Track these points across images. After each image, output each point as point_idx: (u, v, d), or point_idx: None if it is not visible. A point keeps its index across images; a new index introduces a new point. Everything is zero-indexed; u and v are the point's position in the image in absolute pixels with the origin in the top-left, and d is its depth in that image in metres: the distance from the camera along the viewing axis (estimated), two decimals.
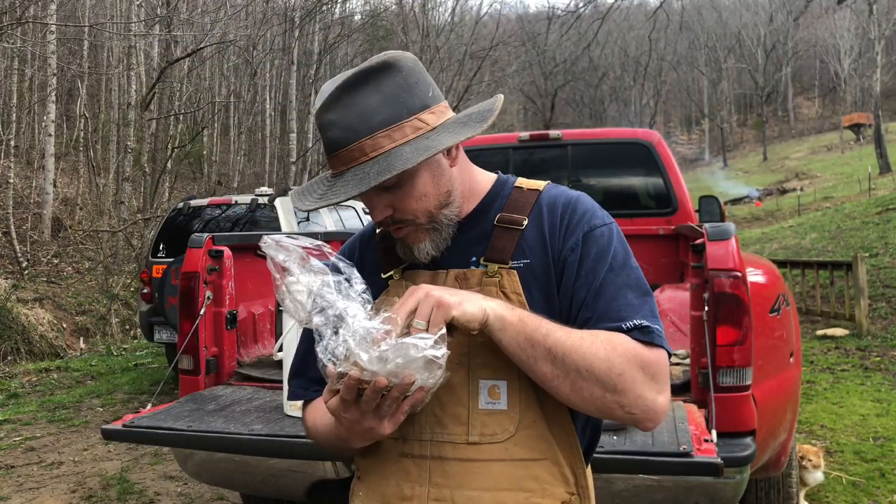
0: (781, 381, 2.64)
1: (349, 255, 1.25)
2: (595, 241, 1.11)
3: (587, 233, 1.12)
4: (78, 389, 7.40)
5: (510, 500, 1.05)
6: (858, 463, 4.46)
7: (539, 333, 1.00)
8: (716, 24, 67.46)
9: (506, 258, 1.11)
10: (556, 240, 1.12)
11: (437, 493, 1.06)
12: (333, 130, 1.06)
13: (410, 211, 1.09)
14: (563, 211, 1.14)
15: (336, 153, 1.06)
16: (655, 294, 3.67)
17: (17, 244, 12.44)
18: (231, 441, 2.26)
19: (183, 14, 17.11)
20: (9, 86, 16.91)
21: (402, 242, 1.14)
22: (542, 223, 1.14)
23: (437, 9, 29.61)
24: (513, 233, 1.13)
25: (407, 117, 1.05)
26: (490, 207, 1.17)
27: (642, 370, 1.01)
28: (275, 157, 25.87)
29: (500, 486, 1.05)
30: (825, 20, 60.88)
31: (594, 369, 0.99)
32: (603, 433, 2.07)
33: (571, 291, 1.09)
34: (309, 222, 7.31)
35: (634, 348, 1.02)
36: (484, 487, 1.05)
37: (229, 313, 2.97)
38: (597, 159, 5.22)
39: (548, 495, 1.06)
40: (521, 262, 1.11)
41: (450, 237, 1.14)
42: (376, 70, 1.06)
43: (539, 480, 1.06)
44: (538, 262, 1.11)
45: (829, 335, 8.81)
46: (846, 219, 16.29)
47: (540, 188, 1.19)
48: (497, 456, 1.05)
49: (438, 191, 1.10)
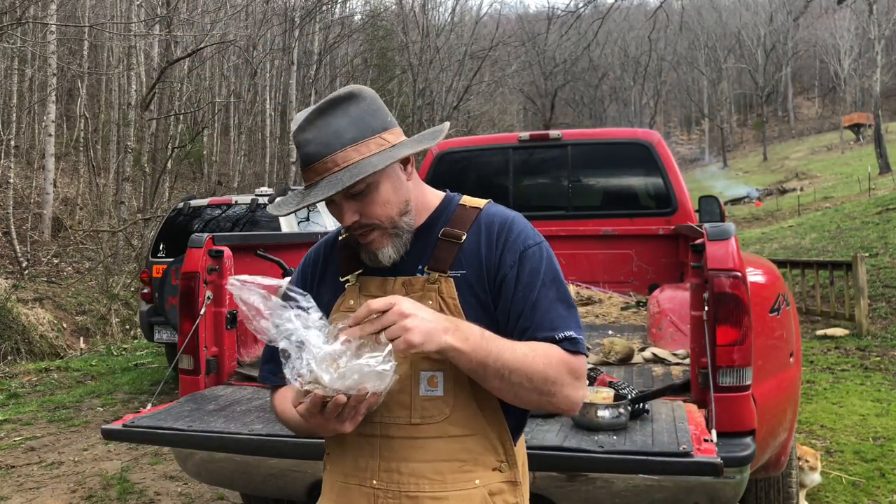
0: (781, 381, 2.64)
1: (314, 259, 1.44)
2: (529, 259, 1.30)
3: (522, 252, 1.30)
4: (78, 389, 7.40)
5: (446, 469, 1.25)
6: (858, 463, 4.46)
7: (490, 358, 1.18)
8: (715, 24, 67.44)
9: (445, 268, 1.30)
10: (493, 255, 1.30)
11: (386, 465, 1.27)
12: (309, 146, 1.24)
13: (376, 216, 1.27)
14: (500, 229, 1.33)
15: (312, 166, 1.25)
16: (655, 294, 3.68)
17: (18, 244, 12.44)
18: (231, 441, 2.26)
19: (183, 14, 17.11)
20: (9, 86, 16.91)
21: (366, 248, 1.31)
22: (479, 238, 1.32)
23: (437, 9, 29.65)
24: (453, 246, 1.32)
25: (371, 135, 1.26)
26: (437, 222, 1.36)
27: (570, 374, 1.24)
28: (275, 158, 25.87)
29: (438, 458, 1.25)
30: (825, 20, 60.90)
31: (534, 381, 1.20)
32: (603, 433, 2.09)
33: (510, 304, 1.28)
34: (309, 222, 7.31)
35: (565, 358, 1.24)
36: (424, 460, 1.26)
37: (229, 313, 2.97)
38: (597, 159, 5.22)
39: (479, 464, 1.27)
40: (458, 272, 1.30)
41: (408, 243, 1.32)
42: (344, 99, 1.27)
43: (471, 452, 1.27)
44: (473, 272, 1.30)
45: (828, 335, 8.81)
46: (846, 219, 16.29)
47: (480, 206, 1.37)
48: (435, 434, 1.26)
49: (399, 199, 1.29)
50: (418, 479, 1.26)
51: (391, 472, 1.27)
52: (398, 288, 1.31)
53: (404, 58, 26.14)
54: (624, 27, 53.84)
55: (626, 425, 2.14)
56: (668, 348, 3.13)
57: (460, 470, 1.26)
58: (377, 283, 1.33)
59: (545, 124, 36.29)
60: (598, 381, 2.46)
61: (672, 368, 2.87)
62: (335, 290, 1.37)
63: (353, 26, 27.75)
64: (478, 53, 26.71)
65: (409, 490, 1.25)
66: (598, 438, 2.05)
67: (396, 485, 1.26)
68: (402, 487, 1.26)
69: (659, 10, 14.90)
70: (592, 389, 2.18)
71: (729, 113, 72.88)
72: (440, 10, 31.93)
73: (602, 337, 3.53)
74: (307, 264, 1.46)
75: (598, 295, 4.72)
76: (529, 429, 2.16)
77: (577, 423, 2.16)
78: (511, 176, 5.25)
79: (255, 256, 3.41)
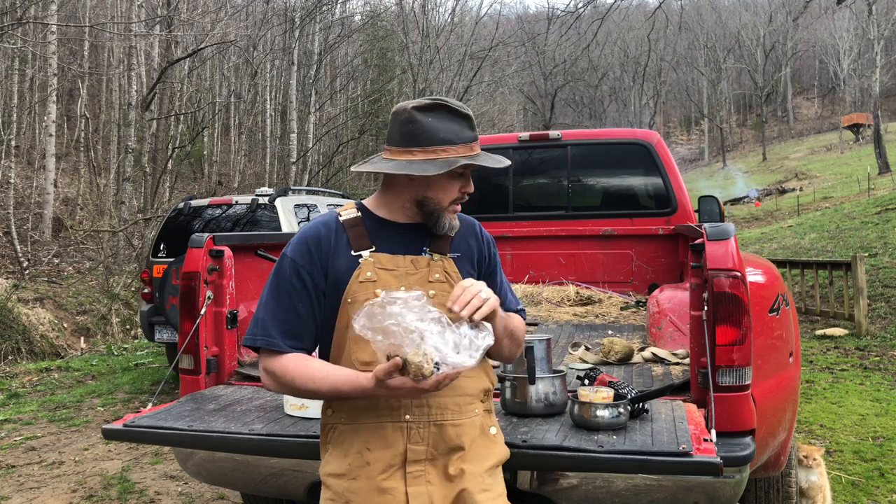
0: (781, 381, 2.64)
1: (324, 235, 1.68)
2: (495, 249, 1.86)
3: (491, 243, 1.85)
4: (78, 389, 7.41)
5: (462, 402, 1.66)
6: (857, 462, 4.47)
7: (505, 321, 1.68)
8: (715, 25, 67.42)
9: (445, 251, 1.72)
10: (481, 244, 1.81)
11: (418, 402, 1.60)
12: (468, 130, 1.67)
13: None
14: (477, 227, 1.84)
15: (474, 142, 1.66)
16: (655, 294, 3.68)
17: (18, 244, 12.45)
18: (231, 441, 2.26)
19: (183, 14, 17.12)
20: (9, 86, 16.92)
21: (450, 219, 1.69)
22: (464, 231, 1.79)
23: (437, 9, 29.60)
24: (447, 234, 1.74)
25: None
26: None
27: (525, 333, 1.87)
28: (275, 158, 25.87)
29: (456, 394, 1.64)
30: (824, 20, 60.92)
31: (519, 338, 1.80)
32: (603, 433, 2.09)
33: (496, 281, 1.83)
34: (309, 222, 7.32)
35: (523, 322, 1.84)
36: (447, 395, 1.62)
37: (230, 313, 2.97)
38: (596, 159, 5.23)
39: (477, 398, 1.70)
40: (454, 254, 1.73)
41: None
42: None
43: (476, 388, 1.70)
44: (464, 254, 1.75)
45: (828, 335, 8.82)
46: (845, 219, 16.30)
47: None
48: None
49: None
50: (443, 410, 1.62)
51: (422, 407, 1.60)
52: (407, 263, 1.66)
53: (404, 58, 26.15)
54: (623, 27, 53.85)
55: (625, 425, 2.14)
56: (667, 348, 3.13)
57: (469, 403, 1.67)
58: (388, 259, 1.65)
59: (545, 124, 36.30)
60: (598, 380, 2.46)
61: (672, 368, 2.88)
62: (349, 262, 1.64)
63: (353, 26, 27.76)
64: (478, 54, 26.73)
65: (436, 419, 1.61)
66: (598, 438, 2.05)
67: (427, 416, 1.60)
68: (431, 418, 1.61)
69: (658, 10, 14.90)
70: (592, 389, 2.19)
71: (728, 113, 72.85)
72: (440, 11, 31.89)
73: (602, 337, 3.53)
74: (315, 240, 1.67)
75: (598, 295, 4.72)
76: (529, 428, 2.16)
77: (577, 422, 2.17)
78: (511, 176, 5.25)
79: (255, 256, 3.41)
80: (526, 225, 5.20)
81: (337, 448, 1.65)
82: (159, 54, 18.51)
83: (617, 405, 2.13)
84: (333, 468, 1.64)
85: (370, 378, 1.47)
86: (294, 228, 6.89)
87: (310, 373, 1.57)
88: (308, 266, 1.64)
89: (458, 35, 29.08)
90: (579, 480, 2.14)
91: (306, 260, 1.64)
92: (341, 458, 1.63)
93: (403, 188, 1.68)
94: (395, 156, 1.64)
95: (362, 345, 1.56)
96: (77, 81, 20.90)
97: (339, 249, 1.65)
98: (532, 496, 2.22)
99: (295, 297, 1.64)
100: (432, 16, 28.03)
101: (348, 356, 1.62)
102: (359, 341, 1.57)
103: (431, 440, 1.61)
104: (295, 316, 1.63)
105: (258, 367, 1.66)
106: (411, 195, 1.67)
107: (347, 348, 1.63)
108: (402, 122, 1.64)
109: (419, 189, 1.65)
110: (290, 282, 1.64)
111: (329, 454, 1.67)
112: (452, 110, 1.64)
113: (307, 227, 1.72)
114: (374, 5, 30.61)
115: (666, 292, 3.59)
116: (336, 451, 1.64)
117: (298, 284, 1.64)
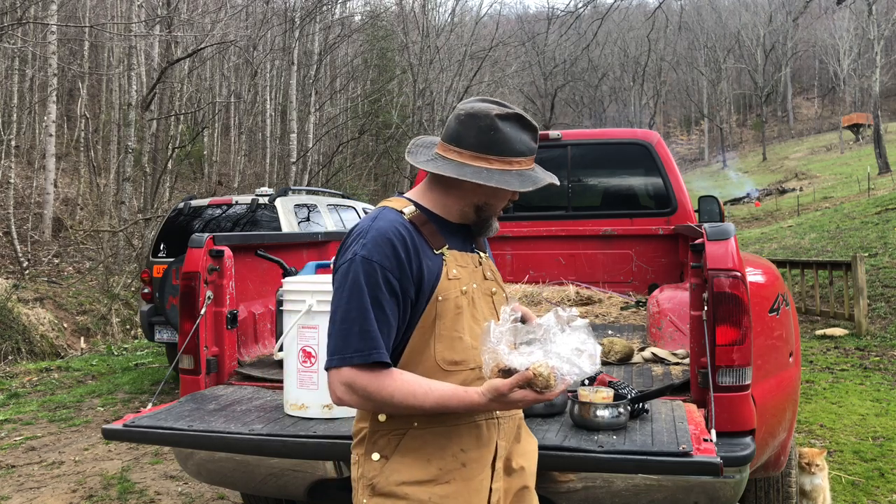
0: (781, 381, 2.64)
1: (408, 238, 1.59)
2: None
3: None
4: (78, 389, 7.41)
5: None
6: (857, 462, 4.47)
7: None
8: (715, 25, 67.40)
9: (485, 249, 1.83)
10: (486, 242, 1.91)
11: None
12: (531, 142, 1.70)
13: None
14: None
15: (531, 156, 1.70)
16: (655, 294, 3.68)
17: (18, 244, 12.45)
18: (231, 441, 2.26)
19: (183, 14, 17.12)
20: (9, 86, 16.92)
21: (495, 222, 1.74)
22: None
23: (437, 9, 29.61)
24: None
25: None
26: None
27: None
28: (275, 158, 25.87)
29: None
30: (824, 20, 60.91)
31: None
32: (603, 433, 2.10)
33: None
34: (309, 222, 7.32)
35: None
36: None
37: (230, 313, 2.97)
38: (596, 159, 5.23)
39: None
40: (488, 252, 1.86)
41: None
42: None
43: None
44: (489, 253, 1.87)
45: (828, 335, 8.82)
46: (845, 219, 16.29)
47: None
48: None
49: None
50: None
51: None
52: (474, 258, 1.74)
53: (404, 58, 26.15)
54: (623, 27, 53.82)
55: (625, 425, 2.14)
56: (667, 348, 3.13)
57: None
58: (460, 256, 1.70)
59: (545, 124, 36.27)
60: (598, 380, 2.46)
61: (672, 368, 2.88)
62: (435, 261, 1.63)
63: (353, 27, 27.75)
64: (478, 54, 26.73)
65: (515, 414, 1.72)
66: (598, 438, 2.06)
67: (509, 412, 1.68)
68: (511, 412, 1.70)
69: (658, 10, 14.90)
70: (592, 389, 2.19)
71: (728, 113, 72.84)
72: (440, 11, 31.90)
73: (602, 337, 3.53)
74: (401, 242, 1.57)
75: (598, 295, 4.72)
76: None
77: (577, 422, 2.17)
78: None
79: (255, 256, 3.41)
80: (526, 225, 5.20)
81: (412, 454, 1.57)
82: (159, 54, 18.51)
83: (617, 405, 2.13)
84: (412, 475, 1.56)
85: (482, 392, 1.46)
86: (294, 228, 6.88)
87: (411, 388, 1.50)
88: (397, 271, 1.54)
89: (458, 35, 29.09)
90: (579, 480, 2.14)
91: (394, 264, 1.54)
92: (423, 463, 1.56)
93: (469, 192, 1.66)
94: (466, 160, 1.61)
95: (449, 343, 1.57)
96: (77, 81, 20.90)
97: (423, 249, 1.61)
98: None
99: (387, 307, 1.54)
100: (432, 16, 28.04)
101: (431, 355, 1.58)
102: (445, 339, 1.58)
103: (511, 435, 1.71)
104: (387, 326, 1.55)
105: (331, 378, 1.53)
106: (474, 200, 1.67)
107: (431, 347, 1.58)
108: (483, 129, 1.61)
109: (484, 195, 1.66)
110: (381, 289, 1.53)
111: (397, 462, 1.57)
112: (526, 122, 1.68)
113: (380, 227, 1.58)
114: (374, 5, 30.62)
115: (666, 292, 3.59)
116: (411, 458, 1.56)
117: (388, 292, 1.54)
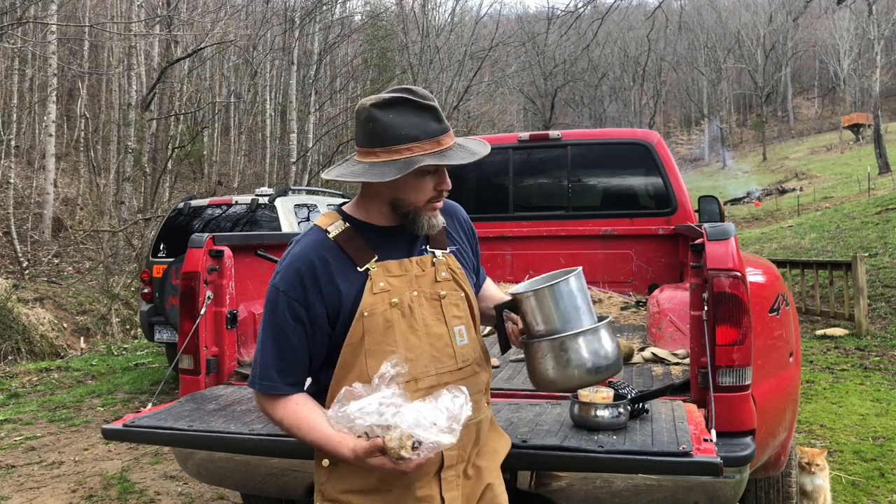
0: (781, 381, 2.64)
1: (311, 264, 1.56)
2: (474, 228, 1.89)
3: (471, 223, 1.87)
4: (78, 389, 7.41)
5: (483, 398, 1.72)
6: (858, 462, 4.47)
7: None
8: (715, 25, 67.42)
9: (444, 246, 1.70)
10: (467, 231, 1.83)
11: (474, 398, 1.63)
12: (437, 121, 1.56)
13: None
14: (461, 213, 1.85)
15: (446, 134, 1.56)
16: (655, 294, 3.68)
17: (18, 244, 12.45)
18: (231, 441, 2.26)
19: (183, 14, 17.12)
20: (9, 86, 16.92)
21: (433, 215, 1.62)
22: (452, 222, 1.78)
23: (437, 9, 29.60)
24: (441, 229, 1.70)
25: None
26: None
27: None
28: (275, 158, 25.86)
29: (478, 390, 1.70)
30: (824, 20, 60.90)
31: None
32: (603, 433, 2.09)
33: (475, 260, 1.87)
34: (309, 222, 7.32)
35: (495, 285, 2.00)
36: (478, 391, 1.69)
37: (230, 313, 2.97)
38: (596, 159, 5.22)
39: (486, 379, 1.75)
40: (451, 247, 1.73)
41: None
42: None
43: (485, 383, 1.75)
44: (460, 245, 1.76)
45: (828, 335, 8.81)
46: (845, 219, 16.29)
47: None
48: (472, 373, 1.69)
49: None
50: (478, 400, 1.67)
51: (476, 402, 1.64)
52: (414, 265, 1.62)
53: (404, 58, 26.14)
54: (623, 27, 53.86)
55: (625, 425, 2.14)
56: (667, 348, 3.13)
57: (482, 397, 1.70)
58: (396, 265, 1.60)
59: (545, 124, 36.28)
60: None
61: (672, 368, 2.88)
62: (356, 279, 1.56)
63: (353, 26, 27.75)
64: (478, 54, 26.71)
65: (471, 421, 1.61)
66: (598, 438, 2.05)
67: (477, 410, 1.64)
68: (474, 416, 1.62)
69: (658, 10, 14.89)
70: (592, 389, 2.18)
71: (728, 113, 72.85)
72: (440, 11, 31.91)
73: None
74: (308, 269, 1.56)
75: (598, 295, 4.72)
76: (528, 428, 2.16)
77: (577, 422, 2.17)
78: (511, 176, 5.25)
79: (255, 256, 3.41)
80: (526, 225, 5.20)
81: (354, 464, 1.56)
82: (159, 54, 18.51)
83: (617, 405, 2.13)
84: (355, 484, 1.57)
85: (351, 450, 1.44)
86: (294, 228, 6.88)
87: (297, 421, 1.55)
88: (302, 299, 1.54)
89: (458, 35, 29.08)
90: (579, 480, 2.14)
91: (299, 293, 1.54)
92: (364, 473, 1.54)
93: (378, 191, 1.60)
94: (361, 157, 1.55)
95: (380, 357, 1.51)
96: (77, 81, 20.91)
97: (339, 271, 1.56)
98: (532, 496, 2.22)
99: (291, 334, 1.56)
100: (432, 16, 28.02)
101: (363, 370, 1.55)
102: (376, 354, 1.54)
103: (461, 443, 1.57)
104: (291, 354, 1.57)
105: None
106: (385, 198, 1.60)
107: (362, 362, 1.56)
108: (363, 122, 1.54)
109: (390, 191, 1.57)
110: (284, 318, 1.55)
111: (341, 471, 1.58)
112: (414, 103, 1.53)
113: (295, 253, 1.59)
114: (374, 5, 30.62)
115: (666, 292, 3.59)
116: (353, 467, 1.53)
117: (292, 320, 1.55)
